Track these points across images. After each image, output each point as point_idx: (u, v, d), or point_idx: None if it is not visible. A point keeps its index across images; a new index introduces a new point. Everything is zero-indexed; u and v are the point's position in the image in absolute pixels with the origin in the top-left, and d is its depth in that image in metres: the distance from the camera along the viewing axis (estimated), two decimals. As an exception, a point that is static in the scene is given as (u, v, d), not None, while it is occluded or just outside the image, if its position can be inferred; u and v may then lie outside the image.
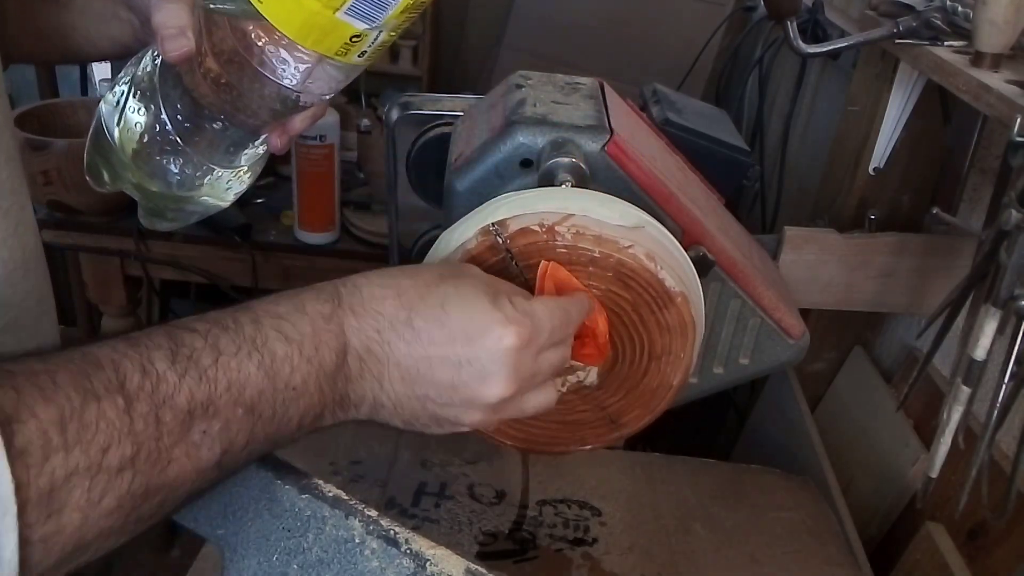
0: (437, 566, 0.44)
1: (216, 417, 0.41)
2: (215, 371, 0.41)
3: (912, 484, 0.90)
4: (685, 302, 0.55)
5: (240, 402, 0.41)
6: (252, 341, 0.43)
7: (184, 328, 0.42)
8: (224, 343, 0.42)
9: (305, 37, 0.49)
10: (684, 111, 0.88)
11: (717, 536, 0.79)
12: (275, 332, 0.44)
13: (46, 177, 1.34)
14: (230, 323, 0.43)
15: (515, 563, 0.73)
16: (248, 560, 0.45)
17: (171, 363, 0.39)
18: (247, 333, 0.43)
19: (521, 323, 0.47)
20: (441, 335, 0.46)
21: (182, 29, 0.52)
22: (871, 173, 0.96)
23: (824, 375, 1.10)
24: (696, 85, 1.73)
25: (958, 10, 0.80)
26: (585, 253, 0.53)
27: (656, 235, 0.56)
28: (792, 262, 0.89)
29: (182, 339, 0.41)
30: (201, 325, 0.42)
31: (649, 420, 0.60)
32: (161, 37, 0.52)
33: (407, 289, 0.47)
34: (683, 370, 0.58)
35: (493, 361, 0.47)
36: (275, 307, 0.45)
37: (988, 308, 0.61)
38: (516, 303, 0.48)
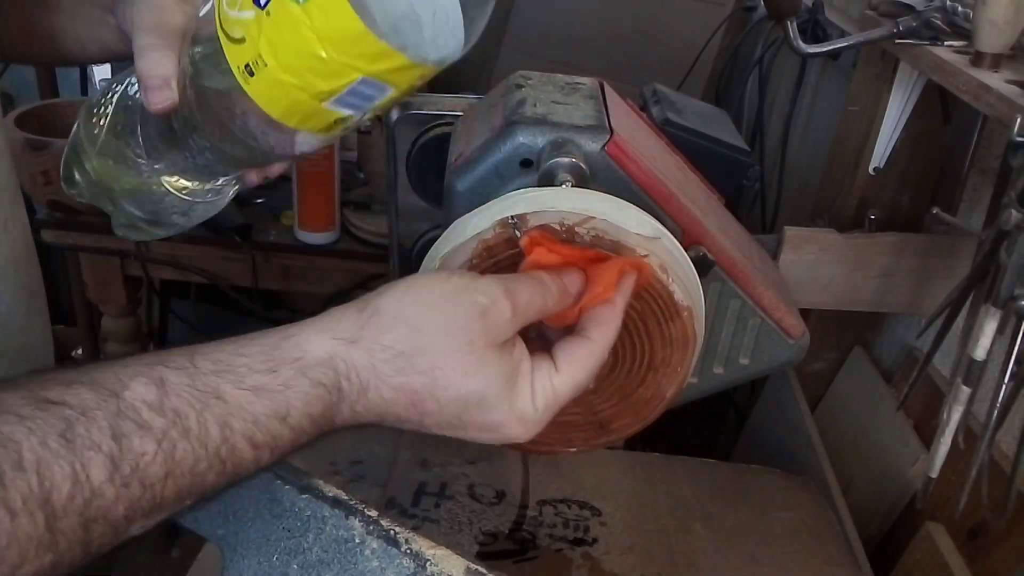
0: (437, 566, 0.44)
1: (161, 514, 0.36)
2: (164, 484, 0.35)
3: (912, 484, 0.90)
4: (691, 316, 0.55)
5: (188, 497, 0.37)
6: (216, 452, 0.37)
7: (135, 420, 0.35)
8: (181, 453, 0.36)
9: (290, 119, 0.48)
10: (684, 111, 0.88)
11: (717, 536, 0.79)
12: (244, 441, 0.38)
13: (46, 177, 1.34)
14: (192, 423, 0.36)
15: (515, 563, 0.73)
16: (248, 560, 0.45)
17: (110, 474, 0.34)
18: (212, 442, 0.37)
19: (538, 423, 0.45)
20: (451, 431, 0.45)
21: (166, 80, 0.50)
22: (871, 173, 0.96)
23: (824, 375, 1.10)
24: (696, 85, 1.73)
25: (958, 10, 0.80)
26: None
27: (670, 247, 0.56)
28: (792, 262, 0.89)
29: (130, 442, 0.34)
30: (157, 421, 0.35)
31: (638, 429, 0.60)
32: (144, 87, 0.50)
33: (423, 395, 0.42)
34: (678, 383, 0.58)
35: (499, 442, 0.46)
36: (252, 405, 0.38)
37: (988, 308, 0.61)
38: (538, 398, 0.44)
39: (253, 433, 0.38)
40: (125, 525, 0.35)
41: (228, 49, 0.45)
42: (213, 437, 0.37)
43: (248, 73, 0.45)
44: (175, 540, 1.69)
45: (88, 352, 1.87)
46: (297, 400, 0.39)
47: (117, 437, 0.34)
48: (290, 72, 0.44)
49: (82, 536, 0.33)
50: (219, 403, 0.37)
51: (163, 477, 0.35)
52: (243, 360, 0.39)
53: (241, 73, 0.45)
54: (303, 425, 0.40)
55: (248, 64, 0.45)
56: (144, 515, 0.35)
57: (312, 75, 0.44)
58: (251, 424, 0.38)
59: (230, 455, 0.37)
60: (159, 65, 0.50)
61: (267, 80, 0.45)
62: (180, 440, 0.36)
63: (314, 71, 0.44)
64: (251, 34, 0.44)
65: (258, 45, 0.44)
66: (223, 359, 0.38)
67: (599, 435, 0.61)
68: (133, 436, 0.34)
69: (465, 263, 0.53)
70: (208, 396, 0.37)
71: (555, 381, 0.45)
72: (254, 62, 0.44)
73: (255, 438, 0.38)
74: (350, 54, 0.43)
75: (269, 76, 0.44)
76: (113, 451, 0.34)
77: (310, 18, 0.42)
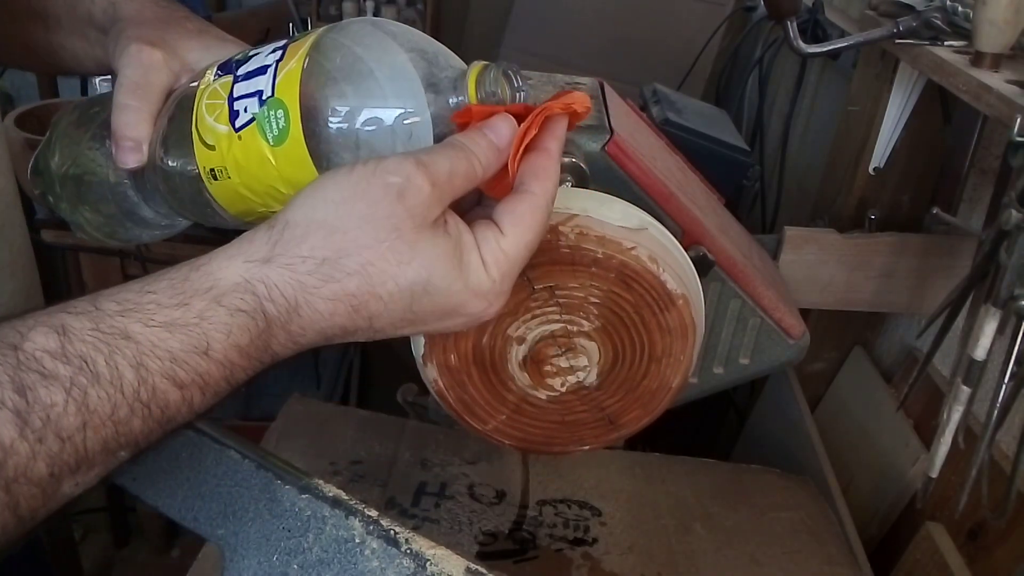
0: (437, 566, 0.44)
1: (92, 469, 0.34)
2: (83, 434, 0.33)
3: (912, 484, 0.90)
4: (686, 304, 0.55)
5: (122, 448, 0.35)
6: (135, 395, 0.34)
7: (38, 371, 0.32)
8: (94, 399, 0.33)
9: (246, 217, 0.49)
10: (684, 111, 0.88)
11: (717, 536, 0.79)
12: (165, 380, 0.35)
13: (46, 177, 1.34)
14: (102, 368, 0.33)
15: (515, 563, 0.73)
16: (248, 560, 0.45)
17: (20, 431, 0.31)
18: (127, 385, 0.34)
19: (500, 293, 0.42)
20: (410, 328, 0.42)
21: (138, 143, 0.49)
22: (871, 173, 0.96)
23: (824, 375, 1.10)
24: (696, 85, 1.73)
25: (958, 10, 0.80)
26: (588, 254, 0.53)
27: (658, 237, 0.56)
28: (792, 262, 0.89)
29: (36, 393, 0.32)
30: (63, 369, 0.33)
31: (648, 421, 0.60)
32: (116, 145, 0.49)
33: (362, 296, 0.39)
34: (683, 372, 0.58)
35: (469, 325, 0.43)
36: (167, 341, 0.35)
37: (988, 308, 0.61)
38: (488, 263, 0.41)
39: (173, 372, 0.35)
40: (53, 483, 0.33)
41: (198, 149, 0.46)
42: (128, 380, 0.34)
43: (212, 177, 0.46)
44: (175, 540, 1.69)
45: (88, 352, 1.87)
46: (216, 332, 0.36)
47: (21, 390, 0.32)
48: (250, 191, 0.46)
49: (5, 499, 0.31)
50: (129, 344, 0.34)
51: (81, 427, 0.33)
52: (151, 297, 0.36)
53: (206, 173, 0.46)
54: (232, 358, 0.37)
55: (214, 170, 0.46)
56: (72, 471, 0.33)
57: (270, 199, 0.46)
58: (169, 363, 0.35)
59: (152, 397, 0.35)
60: (133, 128, 0.49)
61: (228, 189, 0.46)
62: (91, 386, 0.33)
63: (273, 198, 0.46)
64: (221, 147, 0.45)
65: (225, 159, 0.45)
66: (129, 298, 0.36)
67: (610, 431, 0.61)
68: (38, 387, 0.32)
69: None
70: (116, 338, 0.34)
71: (503, 244, 0.41)
72: (219, 171, 0.46)
73: (177, 376, 0.35)
74: None
75: (231, 187, 0.46)
76: (19, 405, 0.32)
77: (276, 160, 0.43)
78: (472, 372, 0.59)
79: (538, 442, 0.62)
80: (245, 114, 0.44)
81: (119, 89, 0.49)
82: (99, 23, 0.56)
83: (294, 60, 0.43)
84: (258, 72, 0.44)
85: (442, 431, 0.86)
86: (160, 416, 0.35)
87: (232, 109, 0.44)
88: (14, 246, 0.56)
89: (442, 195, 0.40)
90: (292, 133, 0.42)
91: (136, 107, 0.49)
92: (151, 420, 0.35)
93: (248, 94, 0.44)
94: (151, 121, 0.49)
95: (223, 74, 0.46)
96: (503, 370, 0.59)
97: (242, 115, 0.44)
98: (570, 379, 0.58)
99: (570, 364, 0.58)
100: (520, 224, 0.42)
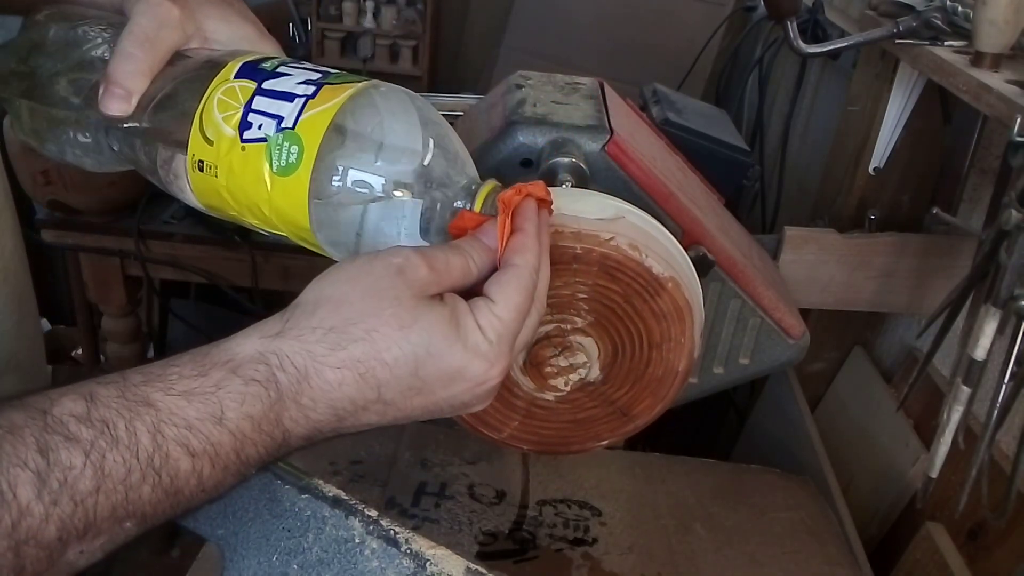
0: (437, 566, 0.44)
1: (98, 537, 0.35)
2: (95, 499, 0.34)
3: (912, 484, 0.90)
4: (676, 286, 0.55)
5: (128, 518, 0.35)
6: (149, 461, 0.35)
7: (62, 433, 0.33)
8: (111, 463, 0.34)
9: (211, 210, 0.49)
10: (684, 111, 0.88)
11: (717, 536, 0.79)
12: (179, 448, 0.36)
13: (46, 177, 1.34)
14: (122, 432, 0.35)
15: (515, 563, 0.73)
16: (248, 560, 0.45)
17: (38, 491, 0.32)
18: (143, 450, 0.35)
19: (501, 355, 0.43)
20: (420, 399, 0.43)
21: (128, 94, 0.47)
22: (871, 173, 0.96)
23: (824, 375, 1.10)
24: (696, 85, 1.73)
25: (958, 10, 0.80)
26: (567, 251, 0.53)
27: (638, 223, 0.56)
28: (792, 262, 0.89)
29: (57, 455, 0.33)
30: (85, 432, 0.34)
31: (661, 408, 0.60)
32: (106, 88, 0.47)
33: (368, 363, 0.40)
34: (687, 355, 0.57)
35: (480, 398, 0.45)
36: (184, 410, 0.36)
37: (988, 308, 0.61)
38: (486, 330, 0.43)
39: (187, 439, 0.36)
40: (60, 548, 0.33)
41: (195, 136, 0.46)
42: (144, 445, 0.35)
43: (197, 167, 0.46)
44: (175, 540, 1.69)
45: (88, 352, 1.87)
46: (231, 400, 0.38)
47: (44, 451, 0.33)
48: (232, 198, 0.46)
49: (12, 561, 0.32)
50: (149, 410, 0.36)
51: (94, 491, 0.34)
52: (174, 369, 0.38)
53: (192, 162, 0.46)
54: (244, 429, 0.38)
55: (203, 162, 0.46)
56: (78, 536, 0.34)
57: (249, 214, 0.46)
58: (184, 430, 0.36)
59: (164, 464, 0.35)
60: (130, 78, 0.47)
61: (209, 184, 0.46)
62: (109, 450, 0.34)
63: (252, 213, 0.46)
64: (220, 147, 0.45)
65: (219, 160, 0.45)
66: (153, 371, 0.38)
67: (624, 423, 0.61)
68: (60, 449, 0.33)
69: None
70: (138, 404, 0.36)
71: (495, 309, 0.43)
72: (208, 166, 0.45)
73: (190, 444, 0.36)
74: (288, 228, 0.46)
75: (213, 184, 0.46)
76: (40, 466, 0.32)
77: (272, 188, 0.44)
78: None
79: (555, 443, 0.62)
80: (257, 131, 0.44)
81: (127, 35, 0.48)
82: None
83: (326, 106, 0.43)
84: (284, 97, 0.44)
85: (442, 431, 0.86)
86: (169, 485, 0.36)
87: (245, 119, 0.44)
88: (5, 251, 0.55)
89: (439, 279, 0.43)
90: (299, 172, 0.43)
91: (140, 58, 0.47)
92: (159, 489, 0.36)
93: (267, 113, 0.44)
94: (149, 76, 0.48)
95: (246, 77, 0.46)
96: (507, 378, 0.59)
97: (254, 130, 0.44)
98: (572, 377, 0.58)
99: (569, 363, 0.58)
100: (506, 290, 0.44)
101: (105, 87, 0.48)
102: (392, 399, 0.42)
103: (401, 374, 0.41)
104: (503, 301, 0.43)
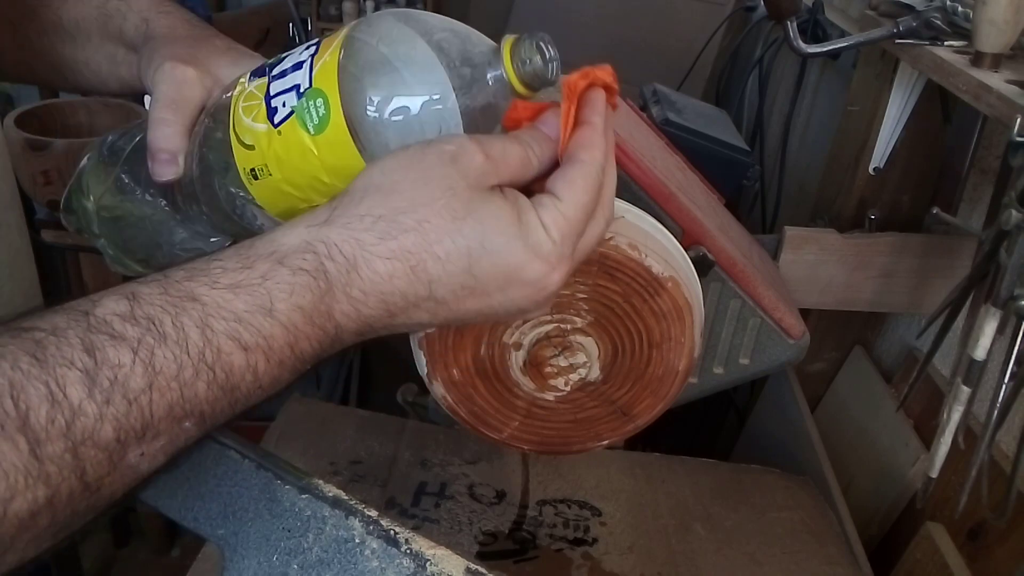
0: (437, 566, 0.44)
1: (157, 438, 0.34)
2: (149, 396, 0.33)
3: (912, 484, 0.90)
4: (676, 286, 0.55)
5: (186, 417, 0.35)
6: (200, 356, 0.34)
7: (107, 332, 0.33)
8: (160, 359, 0.33)
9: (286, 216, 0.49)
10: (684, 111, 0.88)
11: (717, 536, 0.79)
12: (230, 342, 0.35)
13: (46, 177, 1.34)
14: (169, 328, 0.34)
15: (515, 563, 0.73)
16: (248, 560, 0.45)
17: (88, 391, 0.32)
18: (192, 345, 0.34)
19: (562, 257, 0.41)
20: (474, 300, 0.41)
21: (174, 156, 0.50)
22: (871, 173, 0.96)
23: (824, 375, 1.10)
24: (696, 85, 1.73)
25: (958, 10, 0.80)
26: None
27: (636, 222, 0.56)
28: (792, 262, 0.89)
29: (104, 353, 0.32)
30: (131, 330, 0.33)
31: (662, 408, 0.60)
32: (152, 158, 0.50)
33: (419, 254, 0.39)
34: (687, 354, 0.57)
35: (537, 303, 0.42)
36: (231, 302, 0.36)
37: (988, 308, 0.61)
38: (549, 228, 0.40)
39: (238, 332, 0.35)
40: (119, 450, 0.33)
41: (237, 151, 0.47)
42: (194, 340, 0.34)
43: (253, 177, 0.47)
44: (175, 540, 1.69)
45: (88, 352, 1.87)
46: (279, 291, 0.37)
47: (90, 351, 0.32)
48: (293, 186, 0.46)
49: (72, 463, 0.31)
50: (195, 304, 0.35)
51: (147, 388, 0.33)
52: (217, 263, 0.37)
53: (246, 174, 0.47)
54: (295, 321, 0.37)
55: (254, 169, 0.46)
56: (138, 437, 0.33)
57: (313, 193, 0.46)
58: (234, 323, 0.35)
59: (217, 359, 0.35)
60: (169, 140, 0.50)
61: (270, 187, 0.47)
62: (157, 346, 0.33)
63: (316, 191, 0.46)
64: (261, 145, 0.45)
65: (266, 156, 0.45)
66: (196, 266, 0.37)
67: (625, 422, 0.61)
68: (107, 347, 0.33)
69: None
70: (183, 300, 0.35)
71: (561, 207, 0.41)
72: (260, 169, 0.46)
73: (242, 338, 0.35)
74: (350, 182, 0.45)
75: (272, 184, 0.46)
76: (88, 365, 0.32)
77: (318, 150, 0.44)
78: (477, 384, 0.59)
79: (556, 443, 0.62)
80: (284, 109, 0.44)
81: (155, 105, 0.50)
82: (130, 40, 0.57)
83: (328, 53, 0.44)
84: (293, 68, 0.45)
85: (442, 431, 0.86)
86: (224, 382, 0.35)
87: (270, 107, 0.45)
88: (12, 247, 0.56)
89: (496, 169, 0.40)
90: (333, 119, 0.43)
91: (172, 120, 0.50)
92: (215, 386, 0.35)
93: (285, 90, 0.44)
94: (186, 135, 0.50)
95: (257, 77, 0.47)
96: (507, 378, 0.59)
97: (280, 110, 0.44)
98: (572, 377, 0.58)
99: (569, 363, 0.58)
100: (573, 187, 0.41)
101: (151, 158, 0.50)
102: (444, 297, 0.40)
103: (453, 270, 0.39)
104: (569, 198, 0.41)
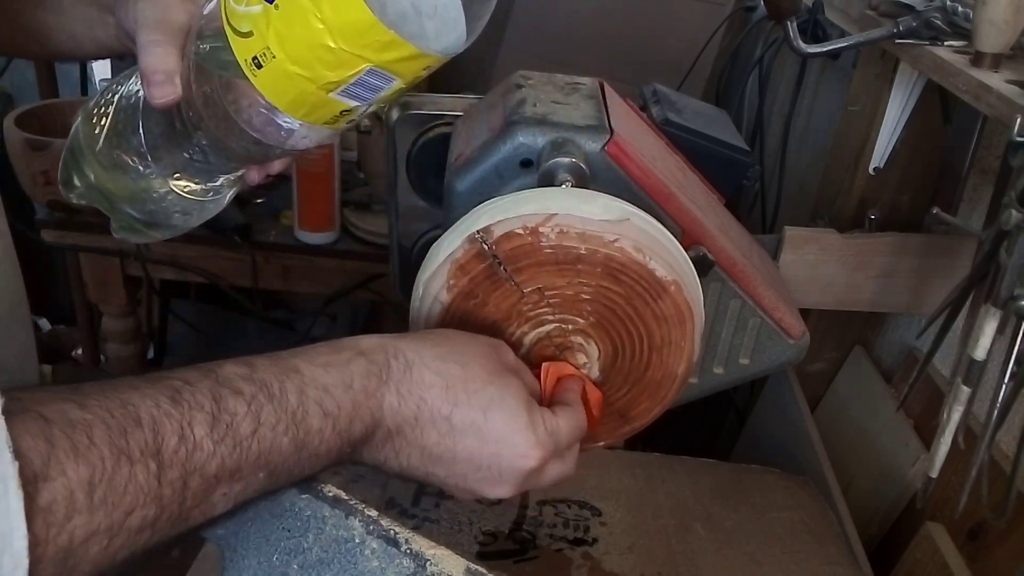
0: (437, 566, 0.44)
1: (239, 482, 0.41)
2: (251, 442, 0.40)
3: (912, 484, 0.90)
4: (679, 290, 0.55)
5: (264, 468, 0.42)
6: (292, 415, 0.42)
7: (230, 387, 0.40)
8: (266, 414, 0.41)
9: (296, 110, 0.48)
10: (684, 111, 0.88)
11: (717, 536, 0.79)
12: (316, 407, 0.43)
13: (46, 177, 1.34)
14: (276, 390, 0.42)
15: (515, 563, 0.73)
16: (248, 560, 0.45)
17: (210, 429, 0.39)
18: (290, 405, 0.42)
19: (545, 448, 0.50)
20: (474, 439, 0.48)
21: (169, 75, 0.50)
22: (871, 173, 0.96)
23: (824, 375, 1.10)
24: (696, 85, 1.73)
25: (958, 10, 0.80)
26: (572, 251, 0.53)
27: (642, 226, 0.56)
28: (792, 262, 0.89)
29: (226, 403, 0.40)
30: (247, 387, 0.41)
31: (659, 412, 0.60)
32: (147, 82, 0.50)
33: (456, 382, 0.48)
34: (686, 359, 0.57)
35: (511, 473, 0.49)
36: (323, 377, 0.44)
37: (988, 308, 0.61)
38: (547, 422, 0.50)
39: (323, 399, 0.43)
40: (213, 485, 0.39)
41: (235, 43, 0.46)
42: (291, 402, 0.42)
43: (256, 66, 0.46)
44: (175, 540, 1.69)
45: (88, 352, 1.87)
46: (358, 372, 0.45)
47: (216, 399, 0.39)
48: (299, 63, 0.45)
49: (181, 490, 0.37)
50: (296, 375, 0.43)
51: (251, 435, 0.40)
52: (313, 348, 0.46)
53: (248, 66, 0.46)
54: (359, 399, 0.45)
55: (256, 56, 0.45)
56: (228, 477, 0.39)
57: (321, 66, 0.45)
58: (322, 392, 0.43)
59: (303, 419, 0.42)
60: (162, 60, 0.50)
61: (275, 72, 0.46)
62: (266, 403, 0.41)
63: (323, 62, 0.45)
64: (259, 28, 0.44)
65: (266, 38, 0.44)
66: (298, 350, 0.46)
67: (621, 424, 0.61)
68: (229, 398, 0.40)
69: (443, 285, 0.54)
70: (288, 370, 0.43)
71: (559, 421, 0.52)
72: (262, 54, 0.45)
73: (324, 404, 0.43)
74: (359, 44, 0.44)
75: (277, 68, 0.45)
76: (213, 409, 0.39)
77: (319, 10, 0.43)
78: None
79: None
80: None
81: (141, 29, 0.51)
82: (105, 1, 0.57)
83: None
84: None
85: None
86: (301, 440, 0.42)
87: None
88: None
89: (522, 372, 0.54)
90: None
91: (162, 40, 0.51)
92: (294, 442, 0.42)
93: None
94: (178, 55, 0.51)
95: None
96: None
97: None
98: None
99: (569, 363, 0.58)
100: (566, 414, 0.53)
101: (146, 83, 0.51)
102: (457, 425, 0.48)
103: (474, 404, 0.48)
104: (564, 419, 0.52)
